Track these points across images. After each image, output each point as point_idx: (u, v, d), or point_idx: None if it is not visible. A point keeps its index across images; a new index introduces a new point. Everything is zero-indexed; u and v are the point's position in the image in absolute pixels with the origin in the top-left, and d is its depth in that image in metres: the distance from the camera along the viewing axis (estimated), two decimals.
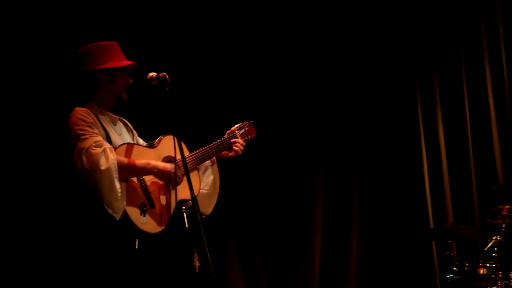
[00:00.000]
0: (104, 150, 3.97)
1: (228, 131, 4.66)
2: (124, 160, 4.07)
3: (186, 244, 4.08)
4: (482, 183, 7.74)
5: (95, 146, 3.98)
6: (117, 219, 3.97)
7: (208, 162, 4.59)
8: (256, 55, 7.52)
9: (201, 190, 4.50)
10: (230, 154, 4.63)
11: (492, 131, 7.84)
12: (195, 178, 4.44)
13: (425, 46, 7.98)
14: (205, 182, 4.58)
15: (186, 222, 4.12)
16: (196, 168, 4.47)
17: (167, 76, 4.14)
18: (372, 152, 7.79)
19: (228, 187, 7.12)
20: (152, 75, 4.23)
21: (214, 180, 4.61)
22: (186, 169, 3.96)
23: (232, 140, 4.61)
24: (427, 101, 7.96)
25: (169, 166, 4.17)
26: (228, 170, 7.16)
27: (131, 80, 4.37)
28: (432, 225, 7.62)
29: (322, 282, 7.47)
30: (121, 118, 4.52)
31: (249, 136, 4.81)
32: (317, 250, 7.48)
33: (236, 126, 4.77)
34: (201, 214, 3.93)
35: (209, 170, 4.61)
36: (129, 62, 4.35)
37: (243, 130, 4.77)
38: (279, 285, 7.39)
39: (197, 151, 4.46)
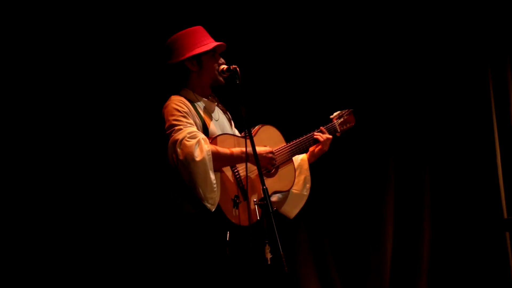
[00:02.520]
0: (198, 142, 3.97)
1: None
2: (219, 149, 4.07)
3: (258, 236, 4.08)
4: None
5: (189, 138, 3.98)
6: (212, 211, 3.98)
7: (301, 162, 4.57)
8: (332, 49, 7.53)
9: (293, 190, 4.49)
10: (317, 148, 4.59)
11: None
12: (290, 171, 4.42)
13: (498, 36, 7.82)
14: (297, 182, 4.56)
15: (258, 214, 4.12)
16: (291, 160, 4.46)
17: (237, 69, 4.14)
18: (444, 142, 7.71)
19: None
20: (223, 68, 4.24)
21: (304, 180, 4.58)
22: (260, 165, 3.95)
23: (316, 133, 4.59)
24: (500, 91, 7.80)
25: (265, 150, 4.16)
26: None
27: (222, 60, 4.34)
28: (505, 215, 7.49)
29: (394, 275, 7.43)
30: (220, 104, 4.51)
31: (348, 125, 4.81)
32: (388, 241, 7.44)
33: (335, 114, 4.76)
34: (273, 207, 3.92)
35: (303, 171, 4.59)
36: (215, 43, 4.33)
37: (342, 119, 4.76)
38: (351, 276, 7.37)
39: (293, 142, 4.45)
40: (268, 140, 4.21)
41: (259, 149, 4.15)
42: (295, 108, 7.26)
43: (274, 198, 4.47)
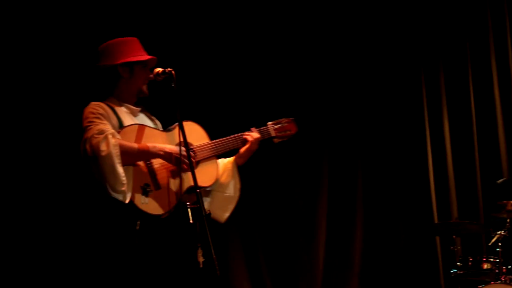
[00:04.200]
0: (106, 137, 3.97)
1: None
2: (128, 143, 4.07)
3: (190, 239, 4.08)
4: (487, 177, 7.72)
5: (97, 134, 3.99)
6: (126, 202, 3.97)
7: (229, 164, 4.58)
8: (262, 51, 7.53)
9: (220, 193, 4.50)
10: (245, 148, 4.59)
11: (497, 125, 7.82)
12: (212, 168, 4.43)
13: (431, 39, 7.96)
14: (224, 185, 4.56)
15: (190, 217, 4.12)
16: (215, 157, 4.47)
17: (173, 72, 4.15)
18: (377, 147, 7.79)
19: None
20: (158, 71, 4.25)
21: (234, 182, 4.59)
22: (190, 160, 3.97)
23: (246, 133, 4.61)
24: (432, 95, 7.94)
25: (177, 149, 4.16)
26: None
27: (151, 75, 4.37)
28: (436, 220, 7.62)
29: (326, 277, 7.48)
30: (145, 110, 4.51)
31: (288, 132, 4.80)
32: (321, 246, 7.48)
33: (272, 121, 4.77)
34: (206, 210, 3.93)
35: (229, 172, 4.59)
36: (149, 57, 4.36)
37: (279, 125, 4.77)
38: (283, 280, 7.40)
39: (218, 140, 4.46)
40: (189, 136, 4.22)
41: (173, 147, 4.19)
42: (231, 113, 7.25)
43: (205, 202, 4.46)
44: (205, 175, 4.37)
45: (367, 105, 7.82)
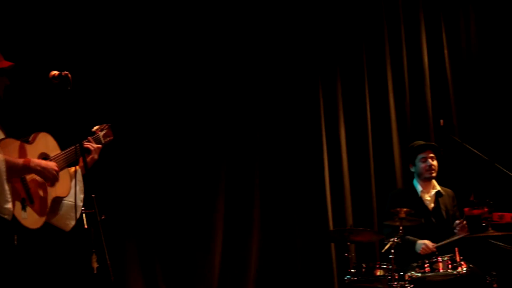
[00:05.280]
0: None
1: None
2: (13, 159, 3.98)
3: (84, 245, 4.03)
4: (381, 186, 7.89)
5: None
6: (10, 220, 3.89)
7: (72, 173, 4.54)
8: (155, 54, 7.45)
9: (65, 201, 4.46)
10: (89, 158, 4.61)
11: (392, 134, 8.01)
12: (66, 177, 4.42)
13: (328, 47, 8.06)
14: (69, 193, 4.52)
15: (85, 223, 4.07)
16: (66, 168, 4.45)
17: (69, 75, 4.10)
18: (275, 154, 7.81)
19: (128, 190, 7.14)
20: (54, 74, 4.19)
21: (78, 191, 4.54)
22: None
23: (85, 143, 4.61)
24: (329, 102, 8.04)
25: (51, 164, 4.13)
26: (130, 173, 7.17)
27: (8, 81, 4.29)
28: (331, 227, 7.70)
29: (222, 282, 7.45)
30: None
31: (108, 138, 4.86)
32: (217, 253, 7.44)
33: (96, 127, 4.79)
34: (101, 215, 3.89)
35: (74, 181, 4.54)
36: (6, 64, 4.28)
37: (104, 132, 4.80)
38: (179, 284, 7.34)
39: (66, 150, 4.44)
40: (45, 147, 4.23)
41: (42, 161, 4.17)
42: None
43: (54, 212, 4.42)
44: (62, 186, 4.35)
45: (264, 112, 7.82)
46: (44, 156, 4.26)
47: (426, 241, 6.44)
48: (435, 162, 6.77)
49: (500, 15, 8.14)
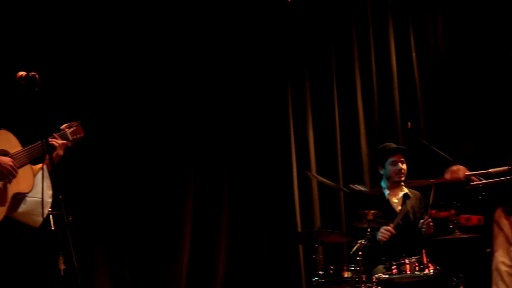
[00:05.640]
0: None
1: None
2: None
3: (51, 246, 4.00)
4: (349, 188, 7.91)
5: None
6: None
7: (38, 170, 4.54)
8: (123, 55, 7.39)
9: (32, 198, 4.45)
10: (54, 153, 4.62)
11: (360, 135, 8.06)
12: (29, 174, 4.42)
13: (297, 47, 8.08)
14: (36, 190, 4.51)
15: (52, 224, 4.05)
16: (29, 164, 4.45)
17: (36, 76, 4.09)
18: (243, 155, 7.80)
19: (97, 191, 7.09)
20: (22, 75, 4.18)
21: (45, 187, 4.53)
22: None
23: (50, 139, 4.61)
24: (298, 103, 8.06)
25: (6, 160, 4.13)
26: (98, 175, 7.12)
27: None
28: (299, 229, 7.72)
29: (190, 284, 7.43)
30: None
31: (78, 136, 4.88)
32: (185, 255, 7.40)
33: (65, 125, 4.81)
34: (68, 216, 3.87)
35: (40, 177, 4.53)
36: None
37: (72, 129, 4.82)
38: (147, 287, 7.31)
39: (29, 147, 4.44)
40: (6, 144, 4.24)
41: (3, 158, 4.18)
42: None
43: (19, 208, 4.41)
44: (24, 182, 4.36)
45: (233, 114, 7.81)
46: (4, 153, 4.26)
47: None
48: (404, 166, 6.81)
49: (468, 19, 8.20)
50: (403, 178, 6.81)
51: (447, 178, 4.55)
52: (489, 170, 4.58)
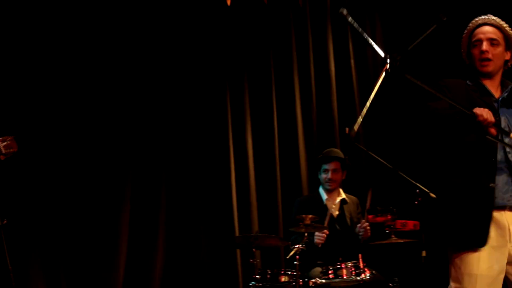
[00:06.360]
0: None
1: None
2: None
3: None
4: (287, 192, 7.94)
5: None
6: None
7: None
8: (56, 59, 7.27)
9: None
10: None
11: (298, 141, 8.10)
12: None
13: (236, 52, 8.07)
14: None
15: None
16: None
17: None
18: (181, 160, 7.75)
19: (32, 197, 6.98)
20: None
21: None
22: None
23: None
24: (237, 108, 8.05)
25: None
26: (33, 178, 7.01)
27: None
28: (237, 233, 7.72)
29: None
30: None
31: (11, 150, 4.82)
32: (121, 261, 7.31)
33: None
34: (2, 220, 3.81)
35: None
36: None
37: (6, 143, 4.76)
38: None
39: None
40: None
41: None
42: None
43: None
44: None
45: (172, 119, 7.75)
46: None
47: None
48: (336, 176, 6.88)
49: (406, 24, 8.30)
50: (332, 187, 6.90)
51: (478, 113, 4.12)
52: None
